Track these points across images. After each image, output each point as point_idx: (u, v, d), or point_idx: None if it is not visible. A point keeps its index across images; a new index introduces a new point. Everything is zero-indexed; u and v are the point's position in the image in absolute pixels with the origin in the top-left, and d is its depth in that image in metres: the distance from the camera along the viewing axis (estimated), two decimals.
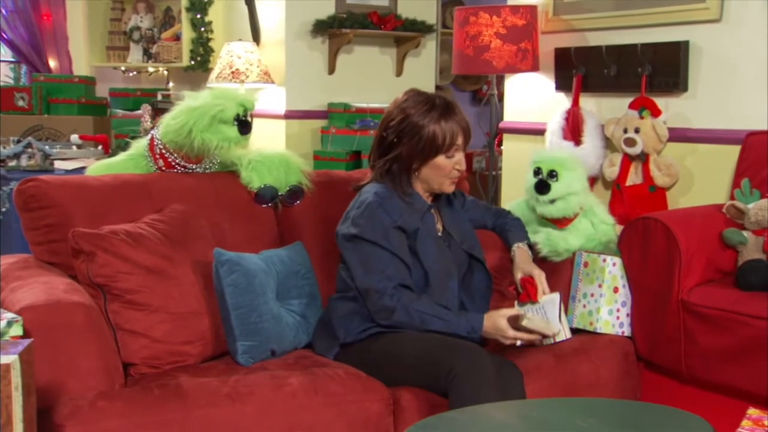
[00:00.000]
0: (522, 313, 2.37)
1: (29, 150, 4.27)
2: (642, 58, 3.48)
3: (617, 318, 2.79)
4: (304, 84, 5.16)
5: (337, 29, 5.04)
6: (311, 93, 5.18)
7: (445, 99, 2.52)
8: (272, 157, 2.81)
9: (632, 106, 3.48)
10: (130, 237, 2.33)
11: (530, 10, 3.79)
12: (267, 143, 4.81)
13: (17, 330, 1.93)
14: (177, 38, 5.77)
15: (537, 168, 2.91)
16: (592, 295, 2.79)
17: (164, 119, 2.72)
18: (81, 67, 5.98)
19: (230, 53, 5.01)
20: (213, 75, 5.09)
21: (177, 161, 2.74)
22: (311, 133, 5.16)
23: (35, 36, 5.93)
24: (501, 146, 4.40)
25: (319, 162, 4.89)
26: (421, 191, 2.56)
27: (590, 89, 3.72)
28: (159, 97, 5.42)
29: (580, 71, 3.71)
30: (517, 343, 2.39)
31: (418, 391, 2.32)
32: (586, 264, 2.83)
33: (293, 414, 2.20)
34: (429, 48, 5.56)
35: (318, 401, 2.23)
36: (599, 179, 3.71)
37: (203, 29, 5.58)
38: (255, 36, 5.29)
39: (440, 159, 2.49)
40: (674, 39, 3.43)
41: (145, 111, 4.63)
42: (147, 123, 4.53)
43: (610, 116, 3.59)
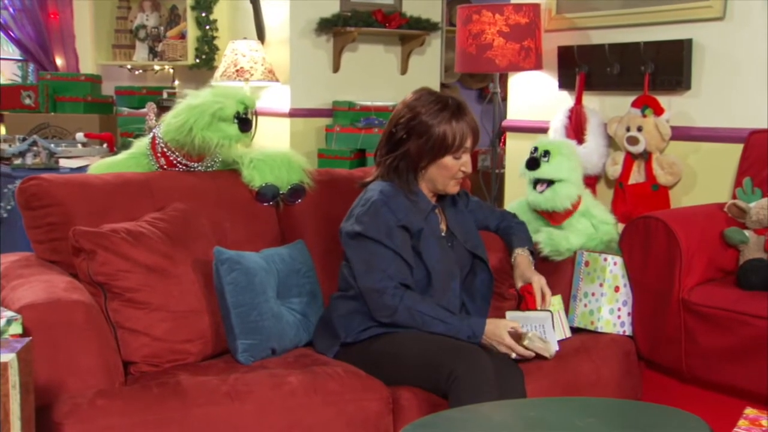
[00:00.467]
0: (524, 333, 2.38)
1: (34, 148, 4.29)
2: (645, 57, 3.47)
3: (618, 317, 2.79)
4: (309, 82, 5.16)
5: (342, 27, 5.04)
6: (316, 91, 5.18)
7: (457, 100, 2.52)
8: (274, 156, 2.81)
9: (635, 105, 3.47)
10: (131, 235, 2.33)
11: (533, 8, 3.77)
12: (272, 141, 4.82)
13: (16, 328, 1.93)
14: (182, 36, 5.77)
15: (534, 147, 2.99)
16: (593, 295, 2.79)
17: (166, 118, 2.73)
18: (87, 66, 5.99)
19: (235, 51, 5.01)
20: (218, 73, 5.09)
21: (178, 160, 2.74)
22: (316, 132, 5.16)
23: (42, 34, 5.95)
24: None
25: (324, 160, 4.89)
26: (426, 191, 2.56)
27: (593, 87, 3.71)
28: (164, 96, 5.45)
29: (583, 69, 3.70)
30: (512, 355, 2.39)
31: (418, 391, 2.32)
32: (587, 263, 2.83)
33: (292, 412, 2.20)
34: (434, 46, 5.55)
35: (317, 400, 2.23)
36: (602, 178, 3.70)
37: (208, 27, 5.59)
38: (260, 34, 5.29)
39: (448, 159, 2.49)
40: (677, 37, 3.41)
41: (150, 109, 4.65)
42: (152, 121, 4.55)
43: (613, 114, 3.58)
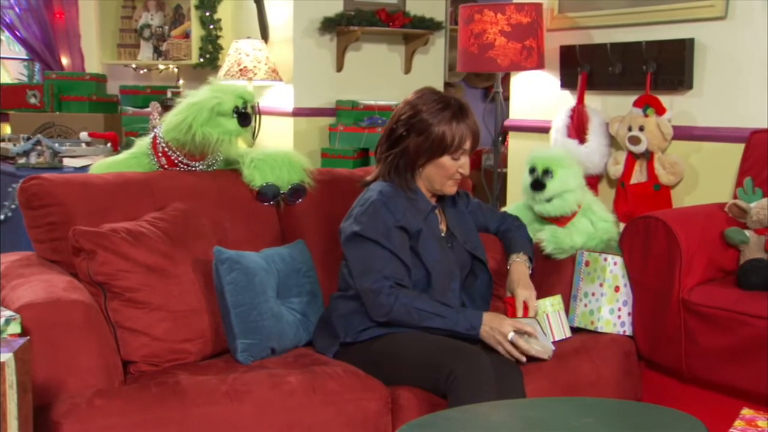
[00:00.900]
0: (529, 330, 2.38)
1: (38, 147, 4.30)
2: (647, 56, 3.46)
3: (618, 317, 2.78)
4: (312, 81, 5.17)
5: (345, 27, 5.04)
6: (319, 90, 5.18)
7: (460, 101, 2.52)
8: (274, 156, 2.81)
9: (637, 104, 3.46)
10: (131, 235, 2.34)
11: (535, 8, 3.77)
12: (275, 141, 4.84)
13: (15, 328, 1.94)
14: (186, 36, 5.79)
15: (532, 167, 2.93)
16: (593, 295, 2.79)
17: (166, 117, 2.73)
18: (92, 65, 6.01)
19: (238, 51, 5.02)
20: (221, 72, 5.10)
21: (180, 159, 2.75)
22: (319, 131, 5.16)
23: (48, 34, 5.97)
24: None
25: (327, 159, 4.89)
26: (424, 190, 2.56)
27: (595, 87, 3.71)
28: (168, 95, 5.46)
29: (585, 69, 3.69)
30: (508, 346, 2.38)
31: (417, 391, 2.32)
32: (588, 263, 2.83)
33: (291, 412, 2.20)
34: (438, 45, 5.55)
35: (316, 400, 2.23)
36: (603, 177, 3.69)
37: (212, 27, 5.60)
38: (263, 33, 5.30)
39: (445, 159, 2.49)
40: (679, 37, 3.41)
41: (154, 109, 4.65)
42: (156, 120, 4.56)
43: (615, 114, 3.58)
